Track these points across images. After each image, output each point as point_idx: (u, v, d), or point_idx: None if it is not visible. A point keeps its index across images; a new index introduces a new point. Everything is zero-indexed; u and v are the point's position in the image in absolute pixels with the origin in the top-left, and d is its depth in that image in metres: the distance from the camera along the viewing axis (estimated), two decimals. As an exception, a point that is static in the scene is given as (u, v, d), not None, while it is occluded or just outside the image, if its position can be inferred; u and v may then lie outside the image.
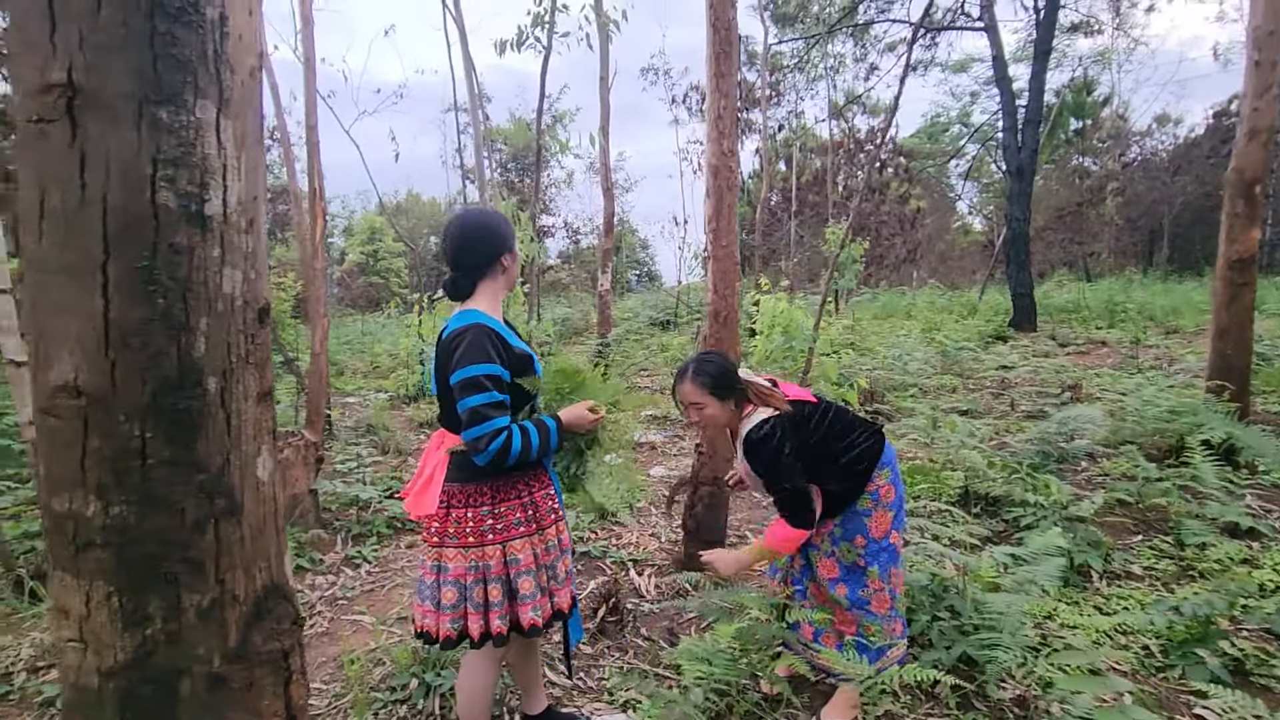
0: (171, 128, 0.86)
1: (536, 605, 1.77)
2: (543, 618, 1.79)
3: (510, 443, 1.63)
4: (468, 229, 1.80)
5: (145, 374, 0.87)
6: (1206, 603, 2.53)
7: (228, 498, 0.94)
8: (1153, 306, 12.28)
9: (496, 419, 1.62)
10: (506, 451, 1.63)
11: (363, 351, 12.81)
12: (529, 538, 1.78)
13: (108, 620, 0.88)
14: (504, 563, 1.75)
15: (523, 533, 1.77)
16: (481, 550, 1.74)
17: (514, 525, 1.76)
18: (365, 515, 4.25)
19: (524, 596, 1.76)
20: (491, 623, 1.73)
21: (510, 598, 1.77)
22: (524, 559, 1.76)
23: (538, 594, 1.78)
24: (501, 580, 1.75)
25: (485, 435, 1.61)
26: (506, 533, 1.76)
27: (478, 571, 1.74)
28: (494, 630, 1.74)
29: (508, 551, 1.75)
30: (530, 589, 1.77)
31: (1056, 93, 20.17)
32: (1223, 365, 4.69)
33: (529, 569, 1.77)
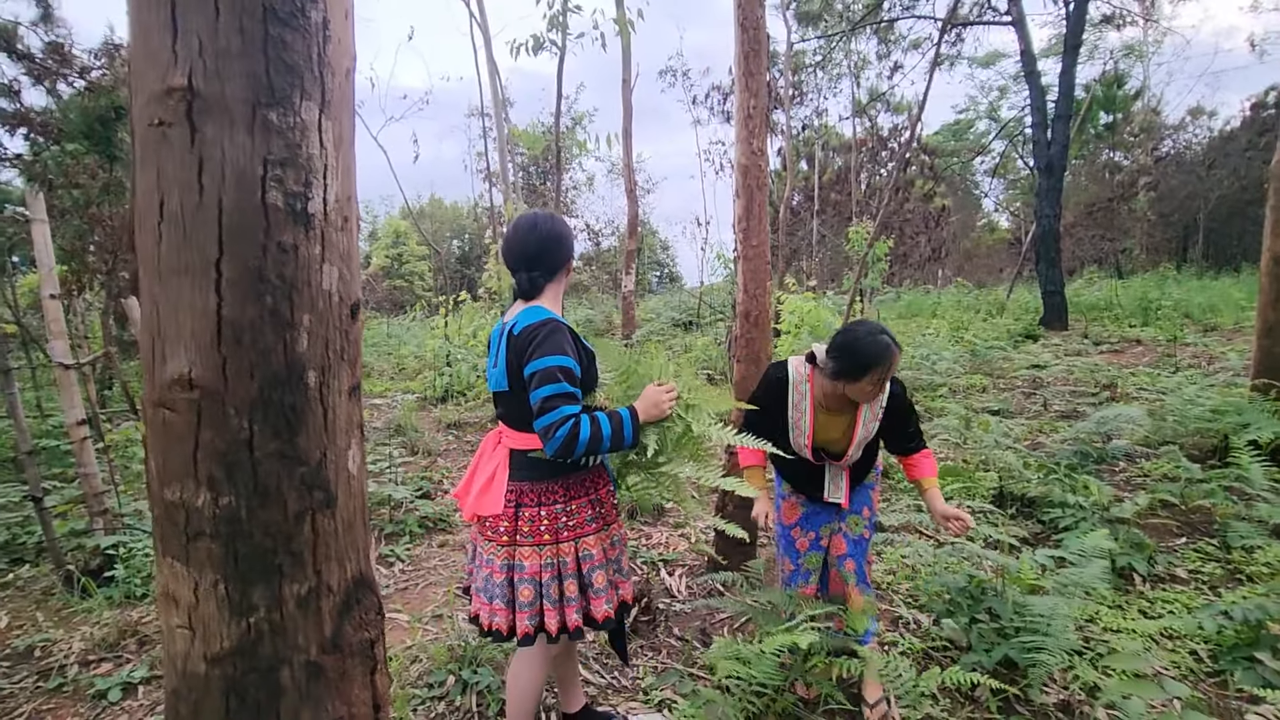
0: (280, 130, 0.89)
1: (608, 599, 1.83)
2: (613, 610, 1.85)
3: (578, 430, 1.62)
4: (545, 234, 1.84)
5: (254, 369, 0.90)
6: (1258, 607, 2.46)
7: (325, 490, 0.96)
8: (1189, 304, 11.96)
9: (564, 408, 1.63)
10: (575, 440, 1.62)
11: (389, 354, 12.97)
12: (599, 534, 1.84)
13: (215, 608, 0.91)
14: (578, 559, 1.80)
15: (594, 529, 1.83)
16: (556, 548, 1.78)
17: (586, 522, 1.82)
18: (397, 515, 4.30)
19: (597, 590, 1.81)
20: (569, 617, 1.77)
21: (583, 592, 1.82)
22: (596, 554, 1.81)
23: (608, 588, 1.84)
24: (576, 576, 1.80)
25: (554, 423, 1.62)
26: (580, 529, 1.81)
27: (553, 569, 1.78)
28: (570, 624, 1.77)
29: (580, 548, 1.80)
30: (603, 583, 1.82)
31: (1086, 87, 19.76)
32: (1270, 363, 4.55)
33: (600, 563, 1.82)
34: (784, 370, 2.29)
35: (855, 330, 2.14)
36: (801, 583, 2.40)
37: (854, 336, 2.11)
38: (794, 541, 2.41)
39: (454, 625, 2.89)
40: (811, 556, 2.40)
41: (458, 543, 4.06)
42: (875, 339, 2.07)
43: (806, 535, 2.39)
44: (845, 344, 2.12)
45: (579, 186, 28.13)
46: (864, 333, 2.11)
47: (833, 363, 2.14)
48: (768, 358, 3.39)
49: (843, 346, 2.12)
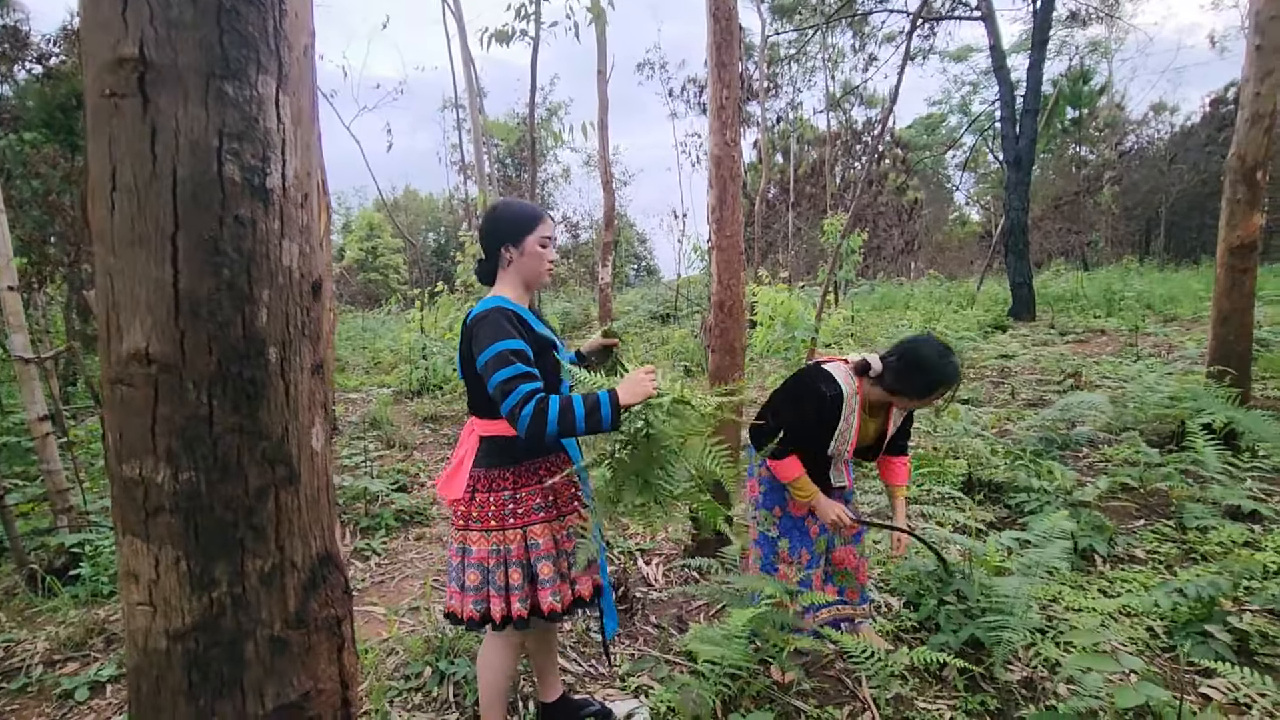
0: (236, 102, 0.88)
1: (556, 591, 1.79)
2: (562, 603, 1.81)
3: (546, 407, 1.57)
4: (488, 216, 1.87)
5: (213, 343, 0.89)
6: (1210, 584, 2.56)
7: (287, 466, 0.96)
8: (1150, 295, 12.32)
9: (523, 386, 1.59)
10: (543, 416, 1.56)
11: (364, 348, 12.81)
12: (549, 523, 1.81)
13: (177, 584, 0.90)
14: (524, 547, 1.78)
15: (542, 518, 1.80)
16: (502, 534, 1.77)
17: (534, 510, 1.79)
18: (373, 508, 4.27)
19: (543, 581, 1.78)
20: (512, 605, 1.76)
21: (530, 582, 1.79)
22: (543, 544, 1.79)
23: (557, 579, 1.80)
24: (522, 564, 1.77)
25: (517, 403, 1.57)
26: (527, 517, 1.78)
27: (499, 555, 1.77)
28: (514, 613, 1.76)
29: (528, 536, 1.78)
30: (549, 574, 1.79)
31: (1054, 82, 20.15)
32: (1224, 351, 4.71)
33: (548, 554, 1.79)
34: (835, 386, 2.24)
35: (922, 349, 2.16)
36: (816, 568, 2.46)
37: (923, 356, 2.14)
38: (807, 530, 2.44)
39: (430, 617, 2.89)
40: (820, 541, 2.47)
41: (434, 536, 4.04)
42: (946, 361, 2.13)
43: (817, 522, 2.44)
44: (914, 363, 2.15)
45: (555, 178, 27.96)
46: (933, 353, 2.14)
47: (896, 379, 2.18)
48: (742, 348, 3.42)
49: (911, 365, 2.15)
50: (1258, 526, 3.36)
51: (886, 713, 2.19)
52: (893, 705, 2.23)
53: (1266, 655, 2.38)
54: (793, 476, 2.31)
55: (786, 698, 2.29)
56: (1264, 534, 3.25)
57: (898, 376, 2.17)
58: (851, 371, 2.28)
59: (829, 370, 2.28)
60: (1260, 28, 4.53)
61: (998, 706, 2.21)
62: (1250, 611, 2.63)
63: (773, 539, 2.45)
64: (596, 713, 2.17)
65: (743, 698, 2.26)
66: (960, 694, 2.26)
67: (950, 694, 2.29)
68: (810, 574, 2.43)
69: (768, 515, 2.46)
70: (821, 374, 2.28)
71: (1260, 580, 2.80)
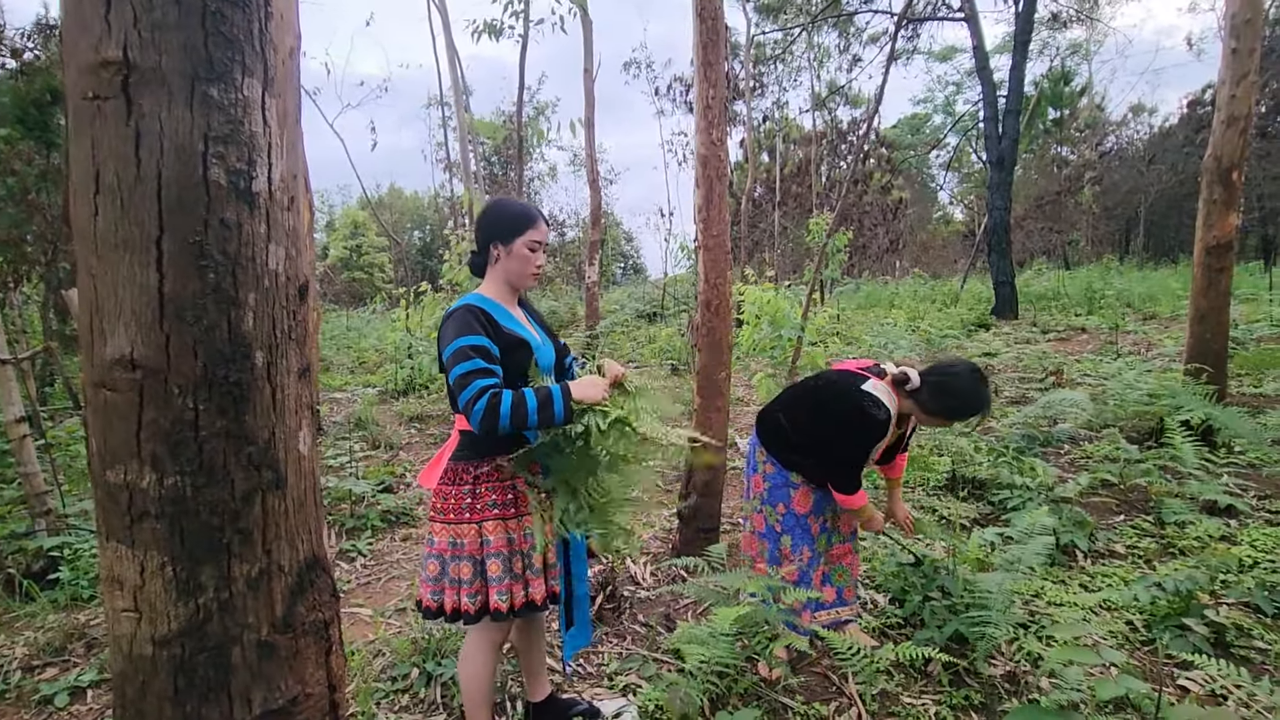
0: (221, 105, 0.88)
1: (503, 590, 1.78)
2: (509, 604, 1.79)
3: (498, 402, 1.61)
4: (482, 212, 1.90)
5: (198, 347, 0.89)
6: (1188, 578, 2.61)
7: (274, 470, 0.96)
8: (1130, 293, 12.52)
9: (479, 381, 1.63)
10: (496, 413, 1.60)
11: (348, 347, 12.70)
12: (504, 521, 1.80)
13: (162, 589, 0.90)
14: (479, 543, 1.78)
15: (497, 515, 1.79)
16: (459, 527, 1.78)
17: (489, 506, 1.79)
18: (359, 509, 4.24)
19: (491, 579, 1.78)
20: (461, 599, 1.77)
21: (481, 578, 1.79)
22: (495, 541, 1.78)
23: (505, 578, 1.79)
24: (474, 560, 1.78)
25: (472, 398, 1.61)
26: (482, 513, 1.79)
27: (455, 548, 1.78)
28: (463, 607, 1.77)
29: (483, 532, 1.78)
30: (498, 572, 1.78)
31: (1035, 83, 20.38)
32: (1201, 349, 4.80)
33: (499, 552, 1.78)
34: (884, 408, 2.25)
35: (959, 373, 2.19)
36: (816, 566, 2.47)
37: (960, 382, 2.18)
38: (809, 528, 2.45)
39: (417, 619, 2.87)
40: (822, 539, 2.48)
41: (420, 536, 4.02)
42: (981, 391, 2.17)
43: (818, 520, 2.46)
44: (949, 387, 2.19)
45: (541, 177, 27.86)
46: (970, 382, 2.17)
47: (931, 400, 2.22)
48: (729, 346, 3.44)
49: (946, 389, 2.19)
50: (1234, 521, 3.43)
51: (872, 708, 2.21)
52: (878, 701, 2.25)
53: (1242, 647, 2.43)
54: (862, 505, 2.36)
55: (774, 694, 2.30)
56: (1240, 528, 3.32)
57: (933, 396, 2.21)
58: (890, 388, 2.28)
59: (874, 394, 2.26)
60: (1235, 31, 4.61)
61: (981, 701, 2.24)
62: (1227, 605, 2.68)
63: (777, 534, 2.47)
64: (584, 712, 2.17)
65: (730, 695, 2.27)
66: (945, 689, 2.29)
67: (935, 689, 2.31)
68: (810, 571, 2.45)
69: (771, 511, 2.47)
70: (870, 398, 2.26)
71: (1236, 574, 2.85)
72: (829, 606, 2.57)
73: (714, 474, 3.36)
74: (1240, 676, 1.83)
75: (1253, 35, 4.58)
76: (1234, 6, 4.63)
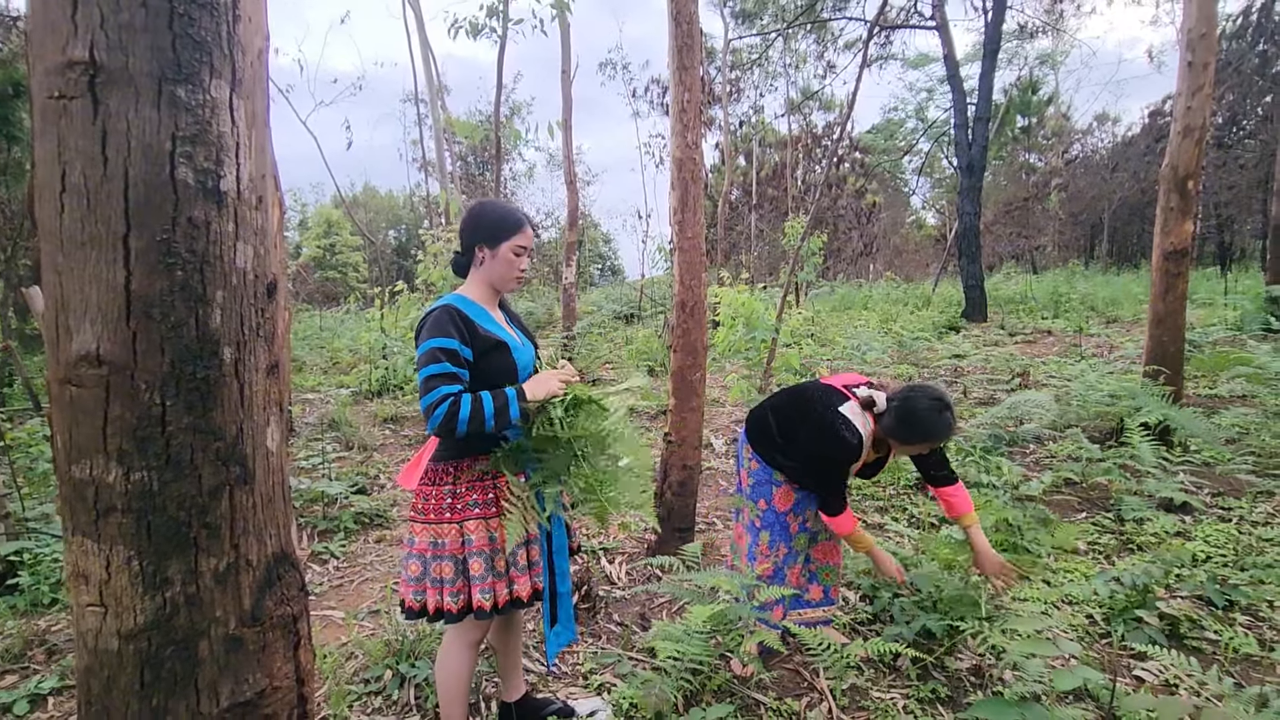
0: (189, 106, 0.89)
1: (486, 588, 1.79)
2: (492, 602, 1.80)
3: (457, 409, 1.64)
4: (466, 213, 1.92)
5: (165, 343, 0.89)
6: (1144, 573, 2.70)
7: (242, 465, 0.97)
8: (1094, 297, 12.87)
9: (442, 388, 1.66)
10: (454, 417, 1.63)
11: (321, 347, 12.52)
12: (485, 520, 1.81)
13: (128, 583, 0.90)
14: (461, 542, 1.79)
15: (478, 514, 1.80)
16: (440, 527, 1.79)
17: (470, 506, 1.80)
18: (332, 511, 4.19)
19: (474, 578, 1.79)
20: (444, 599, 1.78)
21: (464, 577, 1.80)
22: (477, 540, 1.79)
23: (488, 577, 1.80)
24: (455, 559, 1.79)
25: (433, 403, 1.65)
26: (463, 512, 1.80)
27: (436, 548, 1.79)
28: (445, 606, 1.78)
29: (464, 531, 1.79)
30: (480, 571, 1.78)
31: (1004, 91, 20.85)
32: (1159, 351, 4.95)
33: (481, 550, 1.79)
34: (856, 432, 2.30)
35: (919, 400, 2.22)
36: (793, 563, 2.50)
37: (917, 407, 2.21)
38: (788, 526, 2.48)
39: (391, 620, 2.85)
40: (800, 538, 2.50)
41: (395, 538, 3.99)
42: (939, 416, 2.19)
43: (798, 519, 2.48)
44: (908, 413, 2.22)
45: (518, 177, 27.75)
46: (927, 406, 2.20)
47: (892, 423, 2.25)
48: (704, 347, 3.47)
49: (905, 415, 2.22)
50: (1188, 518, 3.55)
51: (843, 703, 2.25)
52: (849, 695, 2.29)
53: (1194, 639, 2.53)
54: (851, 529, 2.37)
55: (746, 690, 2.34)
56: (1194, 524, 3.44)
57: (894, 422, 2.26)
58: (862, 410, 2.33)
59: (846, 415, 2.31)
60: (1191, 45, 4.78)
61: (948, 694, 2.29)
62: (1180, 598, 2.78)
63: (757, 529, 2.50)
64: (559, 711, 2.19)
65: (704, 692, 2.30)
66: (912, 683, 2.34)
67: (903, 683, 2.37)
68: (785, 569, 2.48)
69: (753, 507, 2.51)
70: (843, 419, 2.31)
71: (1189, 568, 2.96)
72: (816, 605, 2.59)
73: (689, 474, 3.39)
74: (1191, 666, 1.90)
75: (1207, 49, 4.75)
76: (1190, 21, 4.80)
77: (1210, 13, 4.79)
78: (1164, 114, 21.85)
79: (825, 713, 2.21)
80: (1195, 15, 4.76)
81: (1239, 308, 9.34)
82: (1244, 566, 2.97)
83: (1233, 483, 3.96)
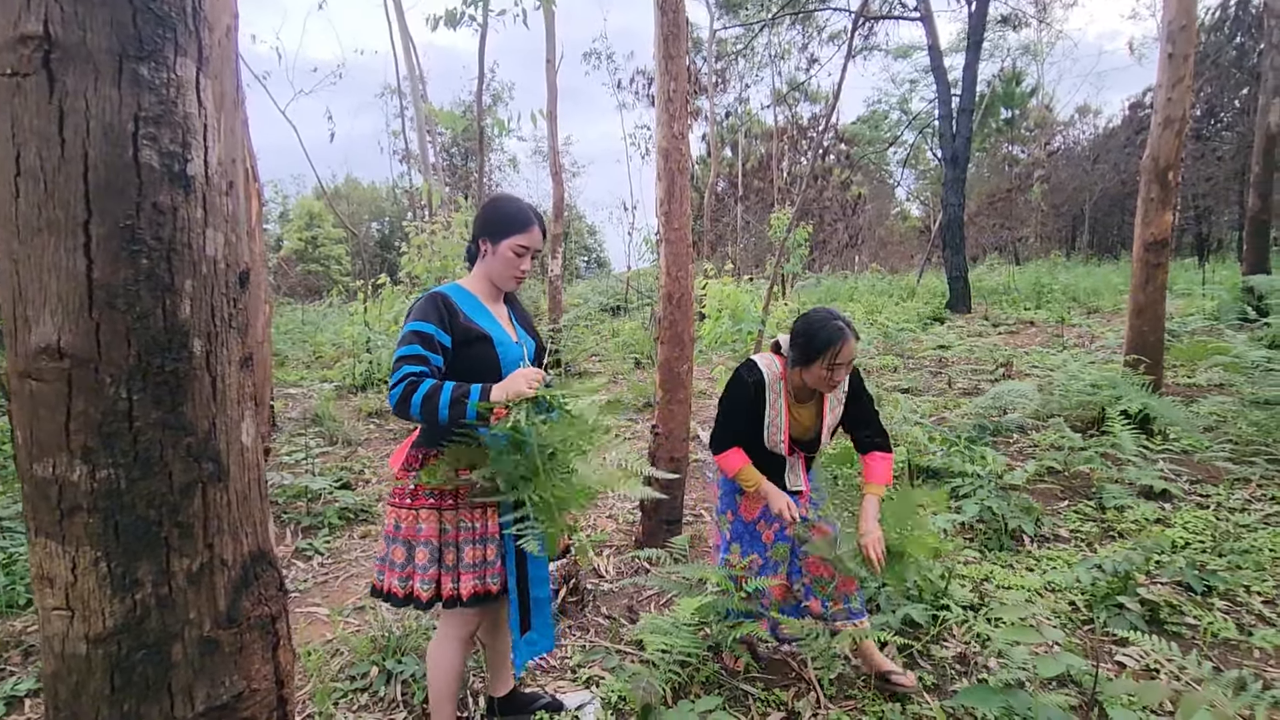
0: (153, 85, 0.85)
1: (428, 579, 1.79)
2: (431, 594, 1.79)
3: (414, 390, 1.65)
4: (481, 205, 1.95)
5: (131, 335, 0.86)
6: (1125, 560, 2.74)
7: (215, 461, 0.94)
8: (1076, 288, 13.02)
9: (406, 367, 1.68)
10: (408, 398, 1.65)
11: (304, 341, 12.37)
12: (438, 511, 1.80)
13: (96, 586, 0.87)
14: (415, 529, 1.80)
15: (432, 504, 1.80)
16: (400, 512, 1.81)
17: (426, 495, 1.80)
18: (315, 507, 4.14)
19: (418, 566, 1.80)
20: (392, 582, 1.80)
21: (411, 564, 1.81)
22: (426, 529, 1.79)
23: (431, 567, 1.79)
24: (407, 544, 1.80)
25: (395, 380, 1.68)
26: (420, 500, 1.81)
27: (396, 530, 1.82)
28: (389, 588, 1.80)
29: (418, 519, 1.80)
30: (424, 560, 1.79)
31: (988, 83, 20.97)
32: (1139, 341, 5.02)
33: (428, 541, 1.79)
34: (757, 372, 2.27)
35: (810, 315, 2.18)
36: (770, 574, 2.36)
37: (808, 321, 2.16)
38: (759, 535, 2.39)
39: (377, 616, 2.83)
40: (779, 547, 2.38)
41: (380, 533, 3.96)
42: (828, 324, 2.11)
43: (771, 527, 2.38)
44: (800, 329, 2.16)
45: (502, 168, 27.54)
46: (818, 318, 2.15)
47: (793, 352, 2.19)
48: (690, 339, 3.46)
49: (799, 332, 2.16)
50: (1168, 505, 3.60)
51: (830, 692, 2.26)
52: (836, 685, 2.30)
53: (1174, 624, 2.57)
54: (736, 469, 2.31)
55: (735, 682, 2.34)
56: (1173, 511, 3.49)
57: (794, 349, 2.19)
58: (774, 355, 2.31)
59: (754, 358, 2.32)
60: (1171, 37, 4.82)
61: (934, 682, 2.31)
62: (1160, 584, 2.83)
63: (727, 542, 2.42)
64: (547, 705, 2.18)
65: (692, 684, 2.30)
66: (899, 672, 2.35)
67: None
68: (765, 579, 2.32)
69: (722, 519, 2.45)
70: (746, 363, 2.32)
71: (1169, 555, 3.00)
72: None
73: (676, 466, 3.39)
74: (1171, 651, 1.93)
75: (1187, 41, 4.79)
76: (1170, 13, 4.83)
77: (1190, 5, 4.83)
78: (1144, 106, 22.10)
79: (813, 702, 2.22)
80: (1175, 7, 4.79)
81: (1216, 298, 9.49)
82: (1221, 552, 3.02)
83: (1210, 470, 4.02)
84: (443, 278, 7.43)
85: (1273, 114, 9.28)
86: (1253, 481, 3.81)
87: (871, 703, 2.18)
